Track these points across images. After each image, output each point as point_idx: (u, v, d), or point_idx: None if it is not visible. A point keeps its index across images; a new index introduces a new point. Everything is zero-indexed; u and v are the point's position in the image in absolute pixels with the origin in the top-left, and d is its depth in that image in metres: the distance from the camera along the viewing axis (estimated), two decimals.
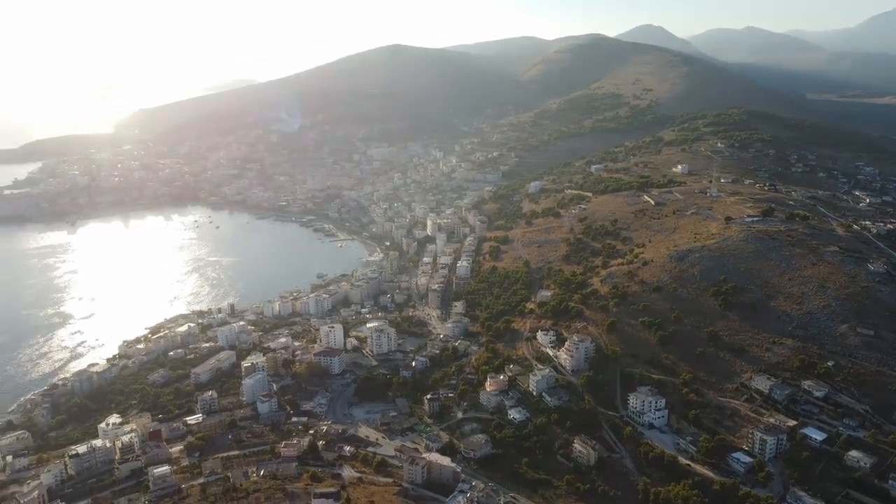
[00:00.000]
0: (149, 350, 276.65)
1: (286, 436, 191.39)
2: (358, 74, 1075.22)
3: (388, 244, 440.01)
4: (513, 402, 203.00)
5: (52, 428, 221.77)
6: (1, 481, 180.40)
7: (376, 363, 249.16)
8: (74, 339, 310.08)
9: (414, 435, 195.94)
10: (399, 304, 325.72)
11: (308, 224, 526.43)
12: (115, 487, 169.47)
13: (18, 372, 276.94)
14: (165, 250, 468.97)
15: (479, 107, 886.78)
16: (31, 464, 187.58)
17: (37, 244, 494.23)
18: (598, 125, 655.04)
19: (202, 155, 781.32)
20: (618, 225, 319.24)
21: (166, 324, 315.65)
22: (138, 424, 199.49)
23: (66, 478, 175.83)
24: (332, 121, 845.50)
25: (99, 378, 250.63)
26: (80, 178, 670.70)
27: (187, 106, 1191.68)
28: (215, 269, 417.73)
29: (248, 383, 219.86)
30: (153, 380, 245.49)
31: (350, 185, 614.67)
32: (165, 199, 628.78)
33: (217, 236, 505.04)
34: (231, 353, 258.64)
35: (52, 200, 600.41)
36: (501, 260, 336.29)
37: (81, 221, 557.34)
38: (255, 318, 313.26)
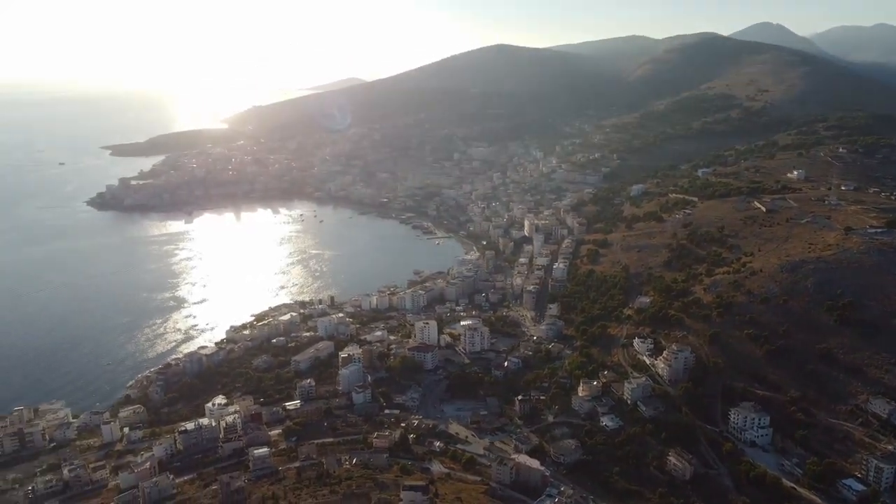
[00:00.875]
0: (253, 336, 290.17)
1: (378, 427, 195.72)
2: (462, 74, 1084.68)
3: (485, 243, 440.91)
4: (606, 409, 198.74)
5: (164, 404, 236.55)
6: (118, 451, 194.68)
7: (468, 361, 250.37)
8: (187, 322, 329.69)
9: (503, 435, 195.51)
10: (493, 303, 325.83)
11: (407, 221, 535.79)
12: (218, 465, 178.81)
13: (137, 350, 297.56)
14: (272, 242, 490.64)
15: (582, 107, 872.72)
16: (144, 436, 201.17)
17: (157, 232, 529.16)
18: (707, 127, 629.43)
19: (309, 151, 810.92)
20: (725, 232, 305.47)
21: (270, 312, 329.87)
22: (241, 406, 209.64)
23: (174, 452, 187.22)
24: (435, 119, 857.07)
25: (208, 360, 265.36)
26: (198, 171, 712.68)
27: (297, 103, 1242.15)
28: (318, 262, 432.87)
29: (344, 373, 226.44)
30: (256, 365, 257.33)
31: (449, 183, 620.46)
32: (274, 193, 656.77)
33: (320, 230, 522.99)
34: (329, 343, 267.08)
35: (173, 191, 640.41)
36: (599, 263, 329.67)
37: (197, 212, 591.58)
38: (353, 311, 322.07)
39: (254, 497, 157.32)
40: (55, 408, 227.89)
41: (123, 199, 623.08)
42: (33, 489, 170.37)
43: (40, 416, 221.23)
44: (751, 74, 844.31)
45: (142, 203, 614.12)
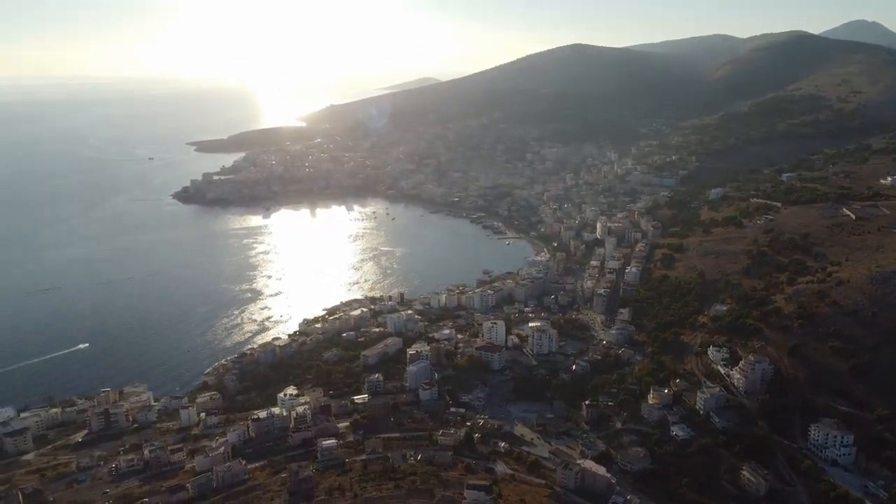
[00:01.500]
0: (325, 330, 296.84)
1: (444, 425, 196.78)
2: (537, 74, 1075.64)
3: (556, 245, 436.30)
4: (676, 419, 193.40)
5: (239, 392, 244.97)
6: (194, 435, 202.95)
7: (536, 363, 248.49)
8: (263, 313, 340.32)
9: (569, 439, 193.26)
10: (563, 305, 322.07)
11: (478, 220, 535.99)
12: (287, 453, 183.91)
13: (215, 339, 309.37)
14: (345, 238, 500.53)
15: (660, 108, 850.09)
16: (219, 422, 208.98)
17: (237, 226, 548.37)
18: (793, 130, 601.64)
19: (383, 150, 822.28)
20: (809, 239, 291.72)
21: (342, 307, 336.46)
22: (311, 398, 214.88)
23: (247, 438, 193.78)
24: (508, 119, 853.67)
25: (281, 351, 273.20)
26: (276, 168, 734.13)
27: (373, 102, 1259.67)
28: (388, 259, 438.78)
29: (412, 370, 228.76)
30: (327, 358, 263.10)
31: (521, 183, 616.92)
32: (348, 190, 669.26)
33: (392, 228, 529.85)
34: (398, 339, 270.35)
35: (252, 187, 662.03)
36: (674, 268, 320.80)
37: (275, 207, 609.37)
38: (422, 308, 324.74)
39: (321, 487, 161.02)
40: (138, 391, 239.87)
41: (206, 193, 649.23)
42: (116, 467, 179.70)
43: (125, 399, 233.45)
44: (843, 75, 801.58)
45: (223, 197, 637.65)
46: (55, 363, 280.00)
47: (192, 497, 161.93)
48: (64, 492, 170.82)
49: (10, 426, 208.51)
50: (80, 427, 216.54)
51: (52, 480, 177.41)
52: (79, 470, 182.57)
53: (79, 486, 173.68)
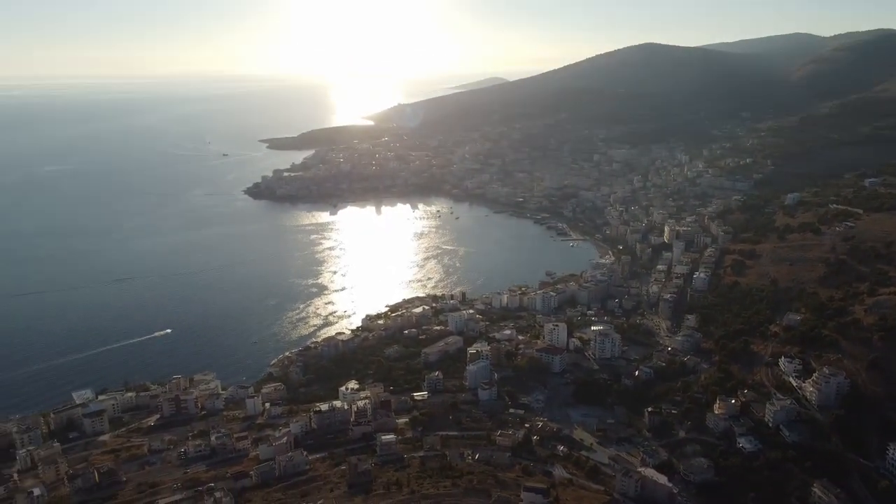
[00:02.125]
0: (387, 326, 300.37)
1: (502, 425, 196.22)
2: (607, 74, 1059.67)
3: (621, 248, 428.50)
4: (743, 430, 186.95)
5: (302, 384, 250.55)
6: (259, 424, 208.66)
7: (597, 367, 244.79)
8: (327, 308, 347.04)
9: (630, 446, 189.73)
10: (627, 310, 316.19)
11: (542, 221, 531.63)
12: (347, 446, 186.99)
13: (281, 331, 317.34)
14: (409, 236, 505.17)
15: (735, 109, 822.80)
16: (283, 413, 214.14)
17: (305, 221, 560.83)
18: (879, 133, 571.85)
19: (449, 149, 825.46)
20: (893, 248, 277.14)
21: (404, 304, 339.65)
22: (372, 393, 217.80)
23: (309, 430, 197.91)
24: (576, 119, 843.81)
25: (343, 346, 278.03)
26: (344, 166, 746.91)
27: (440, 102, 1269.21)
28: (451, 258, 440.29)
29: (471, 369, 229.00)
30: (388, 354, 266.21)
31: (587, 185, 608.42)
32: (413, 189, 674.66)
33: (456, 227, 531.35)
34: (459, 338, 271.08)
35: (320, 184, 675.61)
36: (745, 275, 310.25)
37: (341, 204, 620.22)
38: (483, 308, 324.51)
39: (379, 481, 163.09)
40: (207, 379, 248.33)
41: (276, 189, 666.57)
42: (185, 451, 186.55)
43: (194, 386, 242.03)
44: None
45: (292, 194, 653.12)
46: (130, 349, 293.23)
47: (255, 484, 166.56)
48: (136, 472, 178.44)
49: (88, 408, 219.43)
50: (153, 411, 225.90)
51: (125, 461, 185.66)
52: (150, 453, 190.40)
53: (150, 468, 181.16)
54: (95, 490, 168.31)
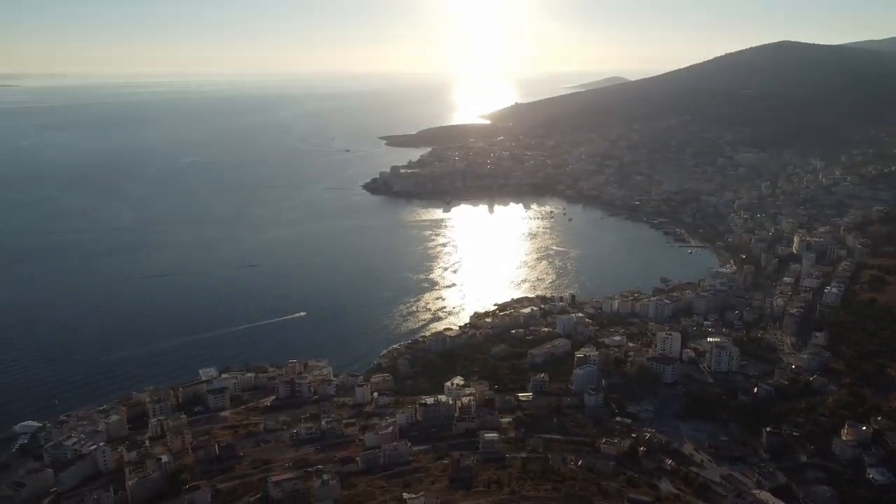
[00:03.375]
0: (494, 325, 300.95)
1: (608, 433, 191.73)
2: (735, 74, 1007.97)
3: (744, 257, 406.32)
4: (874, 461, 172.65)
5: (409, 377, 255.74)
6: (367, 412, 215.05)
7: (712, 381, 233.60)
8: (437, 304, 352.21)
9: (744, 466, 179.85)
10: (747, 322, 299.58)
11: (659, 226, 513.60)
12: (450, 441, 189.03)
13: (392, 323, 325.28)
14: (520, 235, 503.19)
15: (880, 112, 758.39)
16: (390, 403, 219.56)
17: (419, 218, 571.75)
18: None
19: (565, 150, 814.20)
20: None
21: (512, 303, 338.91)
22: (477, 390, 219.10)
23: (414, 421, 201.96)
24: (700, 121, 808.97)
25: (451, 342, 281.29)
26: (459, 164, 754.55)
27: (558, 102, 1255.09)
28: (562, 259, 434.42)
29: (578, 373, 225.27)
30: (494, 352, 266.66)
31: (709, 189, 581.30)
32: (527, 189, 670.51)
33: (568, 228, 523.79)
34: (566, 341, 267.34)
35: (435, 181, 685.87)
36: (884, 292, 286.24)
37: (455, 202, 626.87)
38: (592, 312, 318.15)
39: (480, 478, 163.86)
40: (320, 365, 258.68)
41: (392, 185, 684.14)
42: (297, 433, 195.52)
43: (308, 371, 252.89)
44: None
45: (408, 190, 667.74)
46: (255, 331, 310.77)
47: (361, 470, 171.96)
48: (251, 449, 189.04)
49: (212, 384, 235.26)
50: (269, 392, 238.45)
51: (242, 437, 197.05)
52: (265, 431, 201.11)
53: (264, 446, 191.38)
54: (215, 462, 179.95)
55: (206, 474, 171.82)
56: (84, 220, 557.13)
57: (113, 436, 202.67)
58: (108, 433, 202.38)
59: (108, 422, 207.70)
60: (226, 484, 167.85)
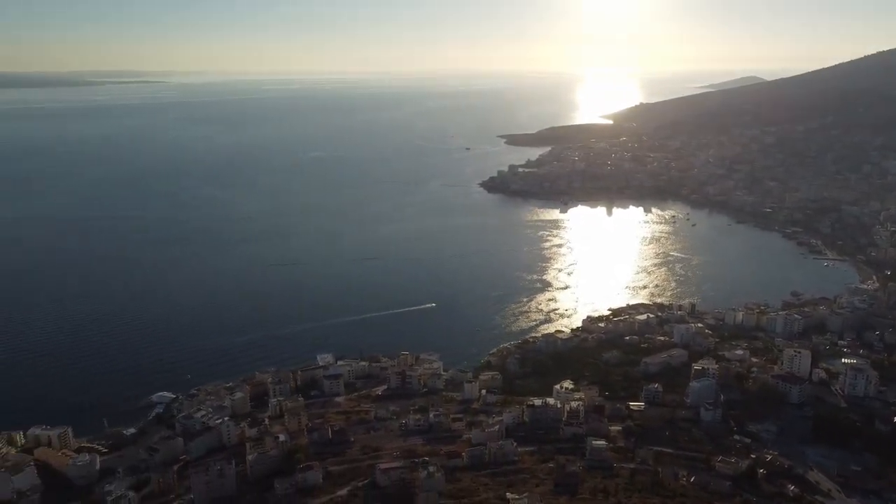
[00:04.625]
0: (607, 330, 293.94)
1: (724, 451, 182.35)
2: (888, 73, 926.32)
3: (889, 273, 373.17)
4: None
5: (518, 377, 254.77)
6: (474, 409, 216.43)
7: (845, 405, 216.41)
8: (549, 305, 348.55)
9: (879, 501, 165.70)
10: (889, 344, 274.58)
11: (792, 236, 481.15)
12: (556, 444, 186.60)
13: (503, 322, 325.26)
14: (639, 240, 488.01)
15: None
16: (497, 402, 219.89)
17: (535, 217, 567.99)
18: None
19: (691, 152, 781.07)
20: None
21: (627, 309, 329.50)
22: (586, 395, 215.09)
23: (520, 422, 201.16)
24: (844, 125, 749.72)
25: (562, 344, 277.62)
26: (578, 164, 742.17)
27: (685, 102, 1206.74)
28: (683, 266, 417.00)
29: (695, 386, 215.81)
30: (606, 358, 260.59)
31: (852, 198, 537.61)
32: (648, 192, 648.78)
33: (691, 234, 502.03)
34: (683, 352, 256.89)
35: (553, 181, 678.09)
36: None
37: (572, 203, 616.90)
38: (713, 323, 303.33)
39: (585, 485, 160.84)
40: (431, 359, 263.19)
41: (510, 184, 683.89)
42: (405, 424, 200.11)
43: (419, 364, 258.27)
44: None
45: (524, 189, 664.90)
46: (372, 321, 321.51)
47: (466, 465, 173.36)
48: (362, 435, 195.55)
49: (329, 370, 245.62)
50: (381, 382, 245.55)
51: (353, 423, 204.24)
52: (376, 419, 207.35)
53: (374, 434, 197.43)
54: (328, 445, 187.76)
55: (319, 456, 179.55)
56: (218, 209, 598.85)
57: (237, 412, 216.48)
58: (232, 409, 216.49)
59: (234, 399, 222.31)
60: (336, 467, 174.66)
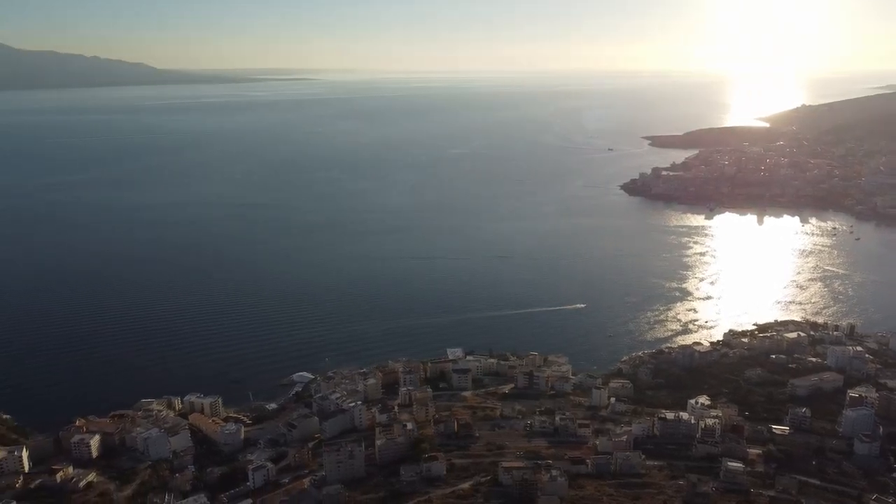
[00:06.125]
0: (751, 346, 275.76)
1: (880, 489, 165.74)
2: None
3: None
4: None
5: (650, 387, 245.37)
6: (601, 416, 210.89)
7: None
8: (687, 315, 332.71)
9: None
10: None
11: None
12: (688, 462, 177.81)
13: (636, 329, 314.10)
14: (793, 252, 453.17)
15: None
16: (626, 411, 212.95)
17: (676, 223, 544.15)
18: None
19: (858, 160, 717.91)
20: None
21: (774, 325, 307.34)
22: (724, 413, 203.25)
23: (650, 434, 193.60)
24: None
25: (699, 357, 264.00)
26: (728, 169, 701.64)
27: (855, 104, 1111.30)
28: (842, 283, 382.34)
29: (849, 415, 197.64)
30: (748, 376, 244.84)
31: None
32: (806, 201, 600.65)
33: (854, 249, 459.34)
34: (838, 376, 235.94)
35: (699, 186, 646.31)
36: None
37: (719, 209, 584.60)
38: (876, 348, 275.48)
39: None
40: (560, 361, 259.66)
41: (652, 187, 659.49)
42: (530, 424, 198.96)
43: (547, 365, 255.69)
44: None
45: (668, 193, 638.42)
46: (505, 319, 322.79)
47: (590, 473, 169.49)
48: (486, 432, 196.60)
49: (458, 365, 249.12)
50: (508, 380, 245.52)
51: (479, 419, 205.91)
52: (501, 417, 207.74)
53: (499, 431, 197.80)
54: (453, 438, 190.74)
55: (444, 447, 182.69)
56: (361, 201, 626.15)
57: (369, 397, 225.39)
58: (365, 394, 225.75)
59: (366, 384, 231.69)
60: (460, 460, 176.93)
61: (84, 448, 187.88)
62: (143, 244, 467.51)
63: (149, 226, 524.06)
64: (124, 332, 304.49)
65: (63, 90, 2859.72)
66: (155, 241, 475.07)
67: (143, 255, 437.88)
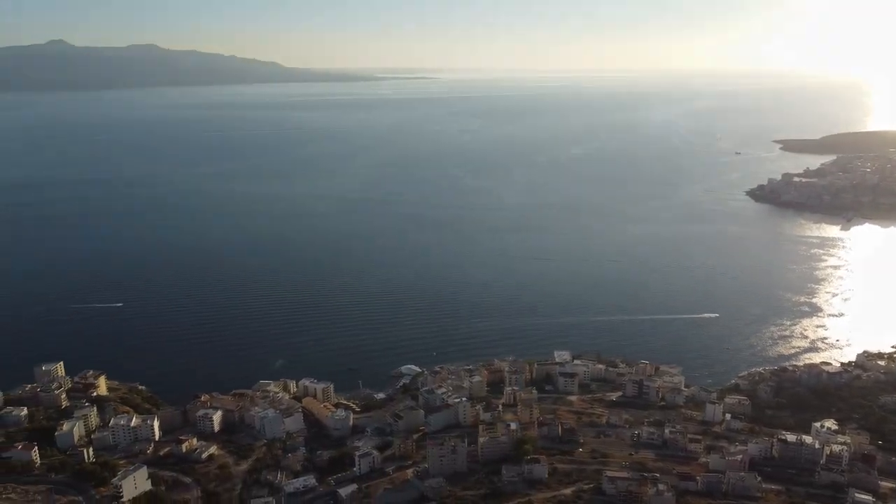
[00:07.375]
0: (888, 369, 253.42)
1: None
2: None
3: None
4: None
5: (769, 406, 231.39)
6: (715, 432, 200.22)
7: None
8: (816, 332, 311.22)
9: None
10: None
11: None
12: (810, 489, 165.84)
13: (757, 343, 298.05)
14: None
15: None
16: (743, 429, 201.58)
17: (808, 233, 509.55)
18: None
19: None
20: None
21: None
22: (853, 440, 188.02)
23: (768, 455, 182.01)
24: None
25: (828, 378, 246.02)
26: (870, 176, 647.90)
27: None
28: None
29: None
30: (884, 402, 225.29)
31: None
32: None
33: None
34: None
35: (835, 194, 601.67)
36: None
37: (857, 220, 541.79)
38: None
39: None
40: (672, 371, 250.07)
41: (781, 194, 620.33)
42: (638, 435, 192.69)
43: (658, 375, 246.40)
44: None
45: (799, 201, 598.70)
46: (610, 324, 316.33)
47: (699, 491, 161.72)
48: (591, 438, 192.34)
49: (565, 368, 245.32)
50: (617, 388, 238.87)
51: (584, 425, 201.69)
52: (607, 425, 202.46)
53: (604, 439, 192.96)
54: (557, 442, 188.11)
55: (547, 450, 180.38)
56: (479, 198, 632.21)
57: (474, 394, 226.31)
58: (470, 391, 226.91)
59: (472, 381, 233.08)
60: (563, 465, 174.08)
61: (207, 422, 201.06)
62: (274, 237, 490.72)
63: (279, 218, 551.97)
64: (251, 319, 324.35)
65: (202, 87, 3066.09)
66: (279, 234, 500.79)
67: (277, 247, 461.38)
